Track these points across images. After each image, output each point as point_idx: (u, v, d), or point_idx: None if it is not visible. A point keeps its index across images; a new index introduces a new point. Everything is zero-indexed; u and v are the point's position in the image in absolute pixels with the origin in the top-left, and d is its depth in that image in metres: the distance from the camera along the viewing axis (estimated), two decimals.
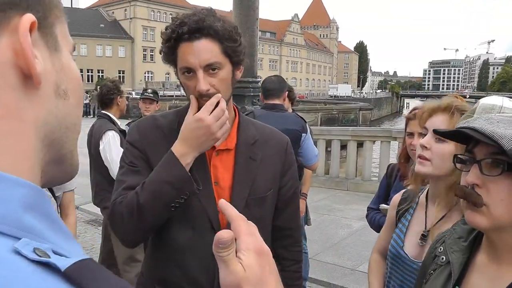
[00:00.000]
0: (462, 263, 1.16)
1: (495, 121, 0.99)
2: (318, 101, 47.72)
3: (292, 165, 1.76)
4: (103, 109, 4.10)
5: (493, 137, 0.96)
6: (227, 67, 1.52)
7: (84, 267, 0.43)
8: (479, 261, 1.14)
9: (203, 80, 1.46)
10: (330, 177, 9.90)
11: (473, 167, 1.04)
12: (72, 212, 2.59)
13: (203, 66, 1.46)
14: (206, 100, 1.48)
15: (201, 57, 1.46)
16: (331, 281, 4.89)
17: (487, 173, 1.00)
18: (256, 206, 1.60)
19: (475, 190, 1.03)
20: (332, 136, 10.00)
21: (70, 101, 0.55)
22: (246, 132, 1.66)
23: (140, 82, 69.83)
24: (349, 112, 31.75)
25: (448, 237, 1.26)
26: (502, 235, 1.04)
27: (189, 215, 1.56)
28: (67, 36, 0.57)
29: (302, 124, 3.71)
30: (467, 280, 1.14)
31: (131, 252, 3.97)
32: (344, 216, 7.44)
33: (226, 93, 1.53)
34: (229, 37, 1.49)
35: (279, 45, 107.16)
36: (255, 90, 5.47)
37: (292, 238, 1.80)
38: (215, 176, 1.59)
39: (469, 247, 1.18)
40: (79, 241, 2.78)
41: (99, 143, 3.81)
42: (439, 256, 1.25)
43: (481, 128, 0.99)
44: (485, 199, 1.01)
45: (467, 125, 1.03)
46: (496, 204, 1.00)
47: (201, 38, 1.46)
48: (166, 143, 1.56)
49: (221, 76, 1.50)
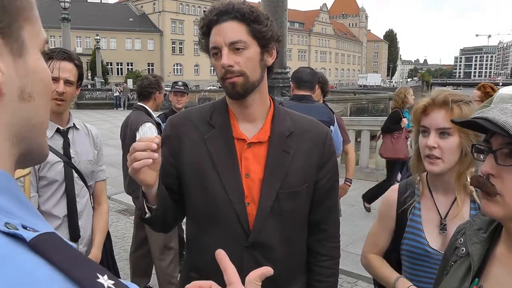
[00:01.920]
0: (482, 254, 1.15)
1: (509, 111, 0.98)
2: (347, 91, 47.32)
3: (331, 157, 1.70)
4: (140, 101, 4.19)
5: (504, 127, 0.95)
6: (254, 48, 1.53)
7: (48, 238, 0.48)
8: (498, 252, 1.13)
9: (227, 56, 1.49)
10: (359, 168, 9.81)
11: (489, 157, 1.04)
12: (105, 201, 2.64)
13: (228, 44, 1.50)
14: (230, 77, 1.51)
15: (227, 35, 1.50)
16: (362, 273, 4.86)
17: (502, 163, 1.00)
18: (287, 199, 1.59)
19: (490, 179, 1.03)
20: (361, 127, 9.93)
21: (36, 102, 0.59)
22: (281, 124, 1.64)
23: (169, 75, 70.53)
24: (379, 102, 31.37)
25: (468, 228, 1.25)
26: None
27: (216, 208, 1.58)
28: (37, 34, 0.60)
29: (330, 116, 3.71)
30: (487, 271, 1.13)
31: (165, 240, 4.05)
32: (373, 207, 7.37)
33: (253, 74, 1.54)
34: (255, 19, 1.52)
35: (308, 35, 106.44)
36: (284, 81, 5.46)
37: (328, 233, 1.75)
38: (247, 168, 1.59)
39: (489, 239, 1.17)
40: (111, 230, 2.83)
41: (135, 134, 3.86)
42: (459, 247, 1.25)
43: (493, 118, 0.98)
44: (500, 189, 1.01)
45: (481, 115, 1.02)
46: (511, 194, 1.00)
47: (228, 20, 1.51)
48: (196, 135, 1.61)
49: (247, 55, 1.52)
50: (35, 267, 0.45)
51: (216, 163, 1.57)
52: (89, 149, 2.50)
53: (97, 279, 0.48)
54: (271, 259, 1.58)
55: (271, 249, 1.59)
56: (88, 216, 2.49)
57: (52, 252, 0.47)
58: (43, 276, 0.45)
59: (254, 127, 1.63)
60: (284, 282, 1.64)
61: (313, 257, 1.74)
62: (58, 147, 2.33)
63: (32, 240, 0.47)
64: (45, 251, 0.47)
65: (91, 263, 0.50)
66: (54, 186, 2.29)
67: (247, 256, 1.57)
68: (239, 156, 1.59)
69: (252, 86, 1.55)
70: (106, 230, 2.61)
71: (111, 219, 5.99)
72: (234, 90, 1.53)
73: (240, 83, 1.52)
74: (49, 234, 0.49)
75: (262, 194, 1.57)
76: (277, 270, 1.60)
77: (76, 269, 0.47)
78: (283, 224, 1.60)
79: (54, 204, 2.29)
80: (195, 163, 1.60)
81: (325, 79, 4.58)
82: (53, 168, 2.28)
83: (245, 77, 1.52)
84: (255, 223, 1.56)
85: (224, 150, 1.59)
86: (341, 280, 4.60)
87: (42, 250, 0.46)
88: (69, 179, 2.34)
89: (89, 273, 0.48)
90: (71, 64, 2.29)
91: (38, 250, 0.46)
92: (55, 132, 2.33)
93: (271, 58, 1.61)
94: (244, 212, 1.57)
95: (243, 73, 1.51)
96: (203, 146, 1.60)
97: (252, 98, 1.58)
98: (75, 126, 2.46)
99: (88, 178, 2.46)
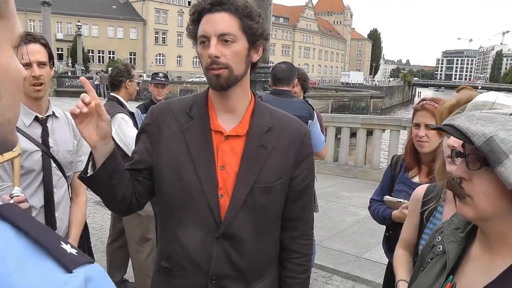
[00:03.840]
0: (458, 253, 1.19)
1: (475, 118, 1.03)
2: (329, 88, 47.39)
3: (307, 156, 1.71)
4: (112, 91, 4.06)
5: (466, 134, 1.00)
6: (242, 43, 1.54)
7: (13, 207, 0.51)
8: (473, 251, 1.18)
9: (214, 47, 1.50)
10: (338, 165, 9.91)
11: (461, 161, 1.09)
12: (83, 192, 2.61)
13: (217, 35, 1.51)
14: (215, 69, 1.52)
15: (217, 26, 1.51)
16: (336, 268, 4.94)
17: (472, 168, 1.05)
18: (261, 194, 1.60)
19: (462, 183, 1.08)
20: (342, 124, 10.00)
21: (3, 101, 0.59)
22: (260, 119, 1.65)
23: (151, 65, 69.92)
24: (360, 100, 31.51)
25: (446, 227, 1.29)
26: (491, 225, 1.08)
27: (190, 198, 1.60)
28: (11, 30, 0.60)
29: (309, 111, 3.71)
30: (462, 269, 1.18)
31: (143, 232, 3.96)
32: (351, 204, 7.47)
33: (238, 68, 1.55)
34: (248, 14, 1.53)
35: (292, 30, 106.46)
36: (267, 75, 5.48)
37: (300, 230, 1.76)
38: (223, 161, 1.61)
39: (465, 238, 1.22)
40: (88, 221, 2.81)
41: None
42: (436, 245, 1.29)
43: (458, 125, 1.03)
44: (470, 191, 1.06)
45: (449, 122, 1.07)
46: (479, 196, 1.04)
47: (221, 11, 1.52)
48: (175, 125, 1.63)
49: (235, 49, 1.53)
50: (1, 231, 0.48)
51: (193, 154, 1.59)
52: (68, 139, 2.45)
53: (60, 244, 0.50)
54: (241, 251, 1.61)
55: (241, 242, 1.61)
56: (65, 208, 2.45)
57: (17, 219, 0.49)
58: (9, 239, 0.47)
59: (233, 120, 1.64)
60: (254, 274, 1.67)
61: (286, 253, 1.77)
62: (36, 136, 2.28)
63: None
64: (11, 217, 0.49)
65: (53, 232, 0.52)
66: (31, 176, 2.25)
67: (217, 247, 1.59)
68: (215, 148, 1.61)
69: (236, 80, 1.56)
70: (83, 223, 2.58)
71: (88, 210, 5.87)
72: (217, 82, 1.54)
73: (225, 75, 1.53)
74: (12, 204, 0.53)
75: (236, 187, 1.58)
76: (248, 262, 1.65)
77: (40, 234, 0.49)
78: (255, 218, 1.62)
79: (31, 194, 2.23)
80: (173, 153, 1.61)
81: (306, 76, 4.58)
82: (31, 157, 2.23)
83: (230, 70, 1.53)
84: (226, 214, 1.58)
85: (201, 142, 1.60)
86: (316, 275, 4.67)
87: (7, 216, 0.49)
88: (46, 169, 2.30)
89: (52, 238, 0.50)
90: (38, 45, 2.24)
91: (3, 216, 0.49)
92: (33, 120, 2.28)
93: (256, 55, 1.62)
94: (217, 204, 1.59)
95: (228, 66, 1.52)
96: (181, 137, 1.61)
97: (233, 91, 1.60)
98: (55, 115, 2.41)
99: (66, 168, 2.42)
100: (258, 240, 1.65)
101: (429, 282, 1.22)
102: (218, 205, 1.59)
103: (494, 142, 0.96)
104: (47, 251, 0.48)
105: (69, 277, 0.47)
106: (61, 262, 0.48)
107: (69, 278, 0.47)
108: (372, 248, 5.44)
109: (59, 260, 0.48)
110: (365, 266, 4.98)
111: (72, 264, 0.48)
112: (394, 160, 2.77)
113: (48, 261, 0.48)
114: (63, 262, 0.48)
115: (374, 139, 9.55)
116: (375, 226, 5.14)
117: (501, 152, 0.95)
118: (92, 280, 0.49)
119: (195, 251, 1.62)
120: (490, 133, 0.97)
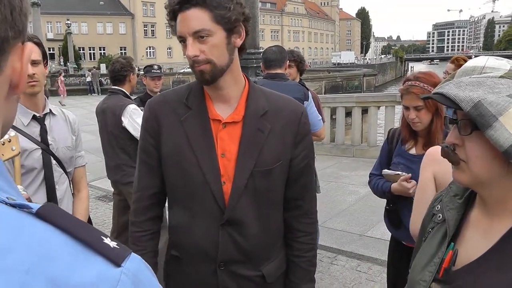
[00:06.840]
0: (458, 220, 1.20)
1: (464, 84, 1.03)
2: (321, 69, 47.22)
3: (306, 135, 1.72)
4: (116, 85, 4.09)
5: (455, 100, 1.01)
6: (219, 34, 1.52)
7: (52, 207, 0.52)
8: (473, 217, 1.19)
9: (191, 47, 1.50)
10: (335, 145, 9.94)
11: (453, 128, 1.10)
12: (84, 187, 2.63)
13: (191, 34, 1.50)
14: (198, 67, 1.53)
15: (190, 25, 1.49)
16: (340, 247, 4.97)
17: (463, 133, 1.06)
18: (261, 178, 1.62)
19: (456, 149, 1.09)
20: (336, 104, 10.01)
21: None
22: (255, 103, 1.65)
23: (142, 58, 69.50)
24: (353, 79, 31.47)
25: (445, 195, 1.30)
26: (488, 190, 1.09)
27: (193, 188, 1.62)
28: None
29: (304, 92, 3.70)
30: (462, 235, 1.19)
31: None
32: (351, 183, 7.51)
33: (220, 60, 1.54)
34: (218, 4, 1.49)
35: (280, 15, 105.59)
36: (258, 61, 5.47)
37: (303, 209, 1.78)
38: (222, 148, 1.62)
39: (464, 204, 1.22)
40: (91, 216, 2.84)
41: (121, 119, 3.81)
42: (436, 214, 1.30)
43: (446, 92, 1.04)
44: (463, 156, 1.08)
45: (438, 90, 1.07)
46: (472, 161, 1.06)
47: (190, 8, 1.49)
48: (173, 117, 1.64)
49: (212, 43, 1.51)
50: (48, 233, 0.49)
51: (193, 144, 1.60)
52: (67, 135, 2.48)
53: (102, 240, 0.52)
54: (247, 236, 1.63)
55: (246, 226, 1.63)
56: (68, 203, 2.48)
57: (59, 219, 0.51)
58: (57, 240, 0.49)
59: (229, 107, 1.64)
60: (261, 257, 1.70)
61: (291, 233, 1.79)
62: (35, 134, 2.31)
63: (39, 210, 0.51)
64: (53, 219, 0.50)
65: (94, 228, 0.54)
66: (33, 174, 2.28)
67: (223, 233, 1.62)
68: (215, 136, 1.62)
69: (221, 71, 1.56)
70: (87, 217, 2.61)
71: (90, 206, 5.91)
72: (202, 77, 1.55)
73: (208, 70, 1.53)
74: (51, 204, 0.53)
75: (237, 172, 1.60)
76: (253, 246, 1.67)
77: (83, 232, 0.51)
78: (258, 202, 1.64)
79: (33, 192, 2.27)
80: (173, 145, 1.63)
81: (301, 57, 4.54)
82: (31, 156, 2.26)
83: (212, 64, 1.53)
84: (229, 201, 1.60)
85: (201, 131, 1.61)
86: (320, 256, 4.69)
87: (50, 217, 0.51)
88: (47, 166, 2.33)
89: (95, 235, 0.52)
90: (30, 43, 2.25)
91: (45, 218, 0.50)
92: (31, 119, 2.31)
93: (239, 39, 1.59)
94: (220, 191, 1.60)
95: (209, 60, 1.52)
96: (180, 128, 1.62)
97: (223, 80, 1.59)
98: (52, 112, 2.43)
99: (67, 164, 2.45)
100: (262, 222, 1.67)
101: (431, 252, 1.22)
102: (221, 193, 1.60)
103: (482, 106, 0.97)
104: (93, 248, 0.50)
105: (120, 274, 0.49)
106: (109, 258, 0.50)
107: (120, 276, 0.49)
108: (375, 225, 5.48)
109: (107, 256, 0.50)
110: (369, 244, 5.01)
111: (119, 259, 0.51)
112: (390, 133, 2.78)
113: (97, 257, 0.50)
114: (111, 257, 0.50)
115: (370, 116, 9.56)
116: (376, 203, 5.19)
117: (490, 115, 0.96)
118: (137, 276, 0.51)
119: (202, 240, 1.64)
120: (478, 97, 0.98)
